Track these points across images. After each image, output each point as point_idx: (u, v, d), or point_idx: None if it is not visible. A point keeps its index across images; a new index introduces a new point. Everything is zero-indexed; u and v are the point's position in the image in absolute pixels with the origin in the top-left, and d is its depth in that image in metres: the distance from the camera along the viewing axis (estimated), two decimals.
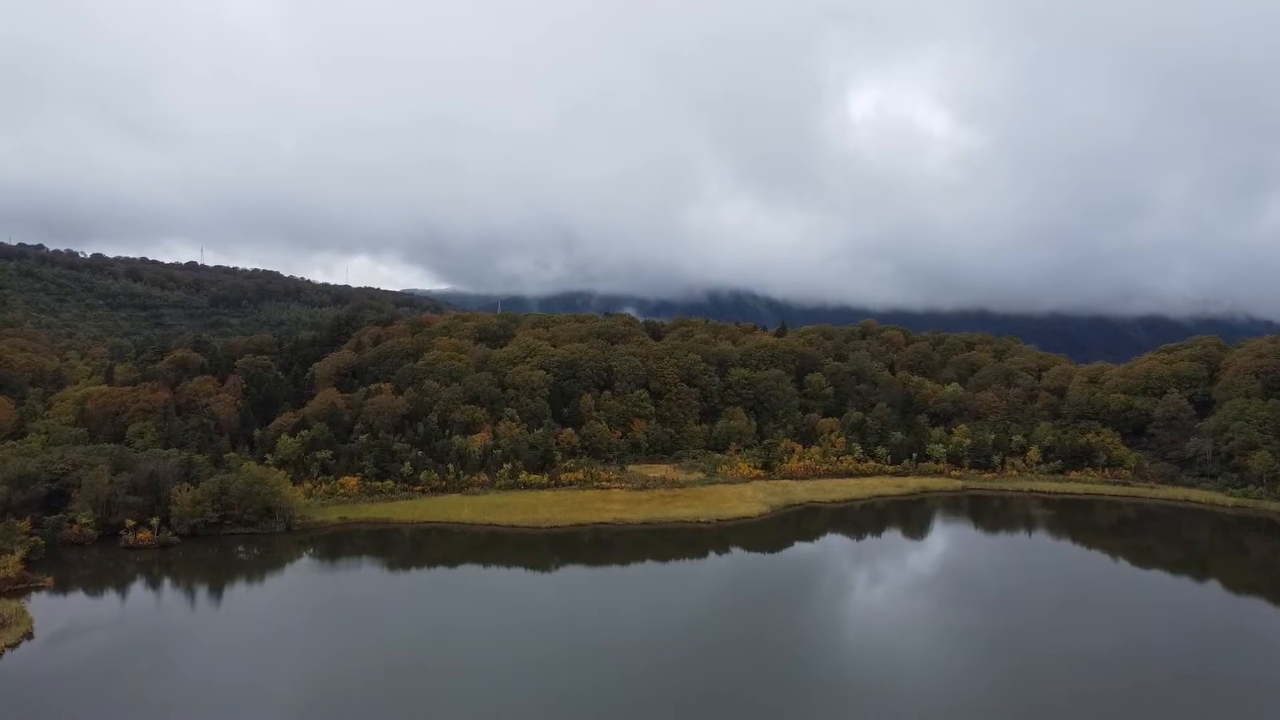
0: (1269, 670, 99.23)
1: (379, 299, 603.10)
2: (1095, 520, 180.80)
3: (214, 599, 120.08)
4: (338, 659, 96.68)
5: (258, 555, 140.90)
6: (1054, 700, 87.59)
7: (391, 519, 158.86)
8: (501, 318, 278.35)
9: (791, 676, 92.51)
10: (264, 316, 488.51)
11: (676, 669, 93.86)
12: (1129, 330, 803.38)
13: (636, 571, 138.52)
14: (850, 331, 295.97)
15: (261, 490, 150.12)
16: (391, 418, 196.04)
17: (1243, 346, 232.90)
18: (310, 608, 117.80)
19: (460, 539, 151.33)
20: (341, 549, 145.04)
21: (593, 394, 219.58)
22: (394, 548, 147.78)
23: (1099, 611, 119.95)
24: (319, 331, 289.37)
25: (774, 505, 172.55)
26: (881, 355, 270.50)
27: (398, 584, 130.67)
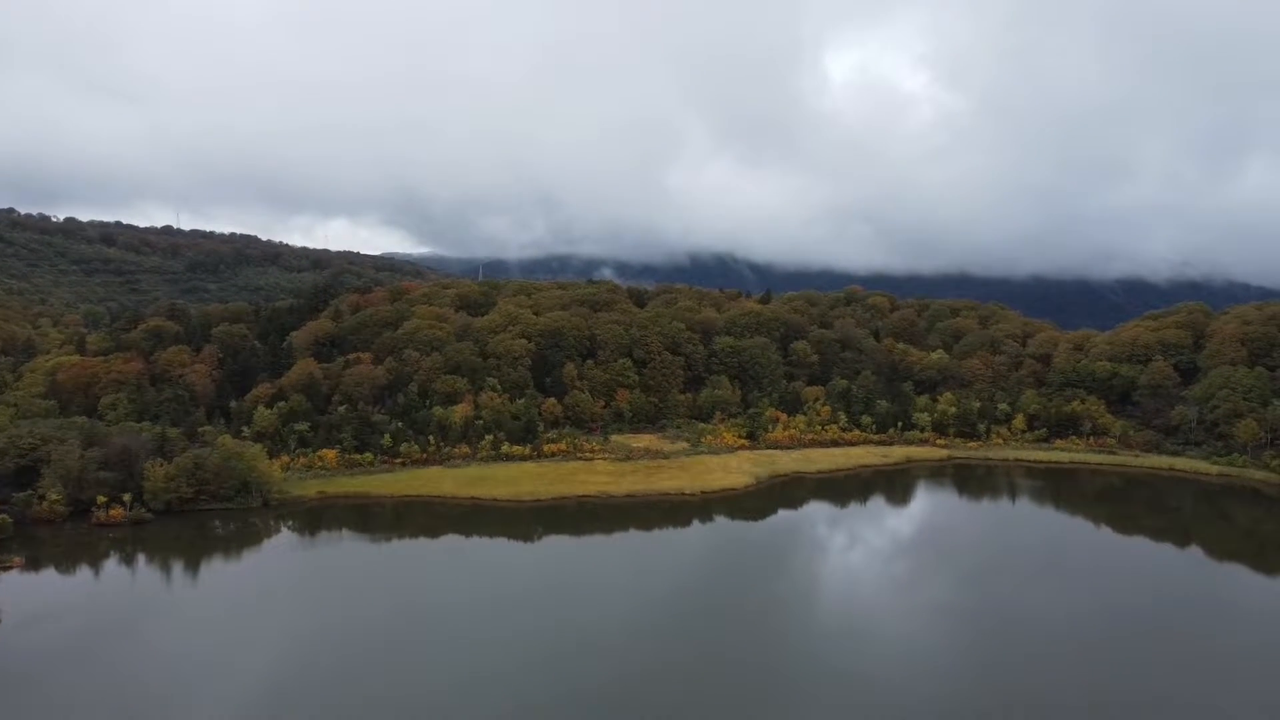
0: (1244, 635, 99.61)
1: (358, 263, 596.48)
2: (1080, 488, 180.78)
3: (190, 576, 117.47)
4: (317, 634, 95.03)
5: (234, 531, 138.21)
6: (1027, 669, 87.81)
7: (371, 492, 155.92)
8: (483, 285, 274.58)
9: (772, 652, 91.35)
10: (242, 281, 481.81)
11: (656, 643, 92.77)
12: (1108, 292, 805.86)
13: (620, 543, 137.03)
14: (835, 298, 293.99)
15: (238, 465, 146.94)
16: (371, 388, 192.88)
17: (1229, 314, 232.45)
18: (289, 583, 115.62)
19: (442, 512, 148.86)
20: (320, 523, 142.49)
21: (576, 363, 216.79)
22: (374, 522, 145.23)
23: (1078, 580, 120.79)
24: (297, 299, 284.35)
25: (759, 476, 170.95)
26: (866, 322, 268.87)
27: (378, 557, 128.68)
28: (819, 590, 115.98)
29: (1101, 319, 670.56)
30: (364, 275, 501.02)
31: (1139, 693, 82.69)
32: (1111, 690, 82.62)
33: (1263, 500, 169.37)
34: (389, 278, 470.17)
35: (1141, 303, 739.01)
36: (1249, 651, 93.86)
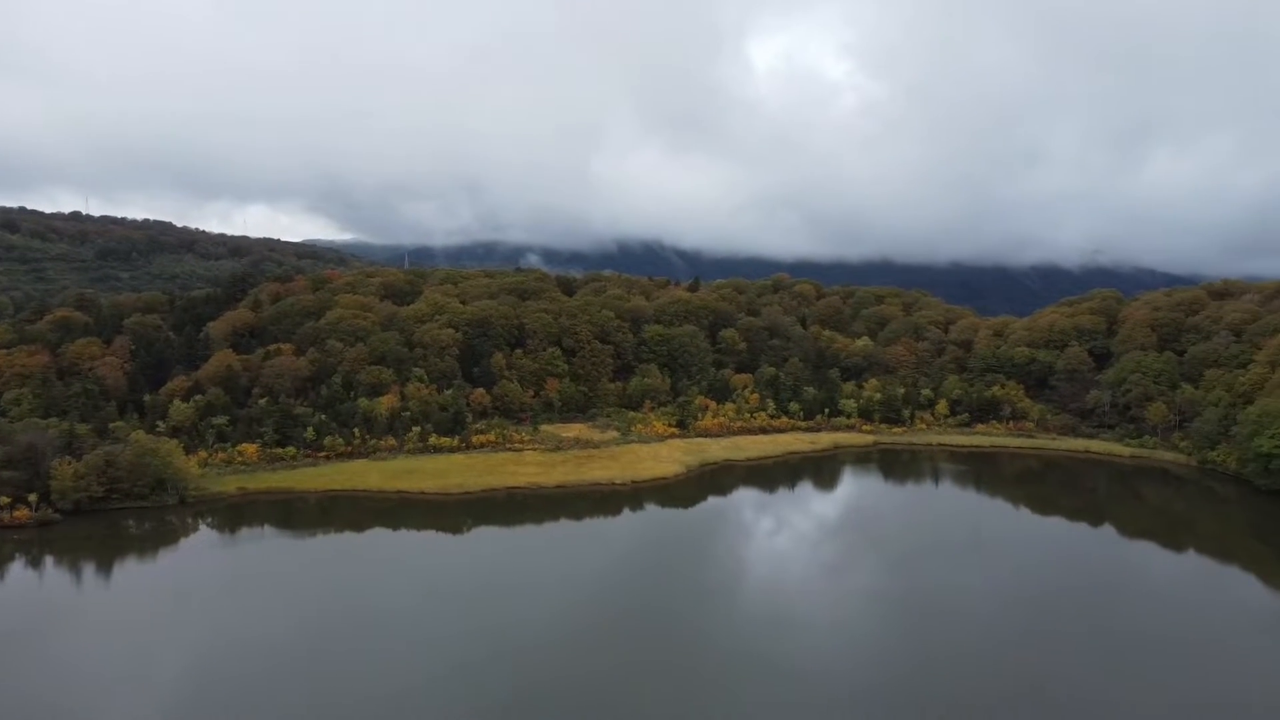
0: (1150, 610, 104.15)
1: (279, 250, 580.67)
2: (1000, 471, 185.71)
3: (101, 579, 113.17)
4: (237, 636, 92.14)
5: (149, 531, 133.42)
6: (953, 653, 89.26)
7: (294, 487, 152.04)
8: (408, 273, 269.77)
9: (704, 645, 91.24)
10: (156, 270, 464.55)
11: (585, 640, 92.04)
12: (1024, 279, 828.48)
13: (550, 534, 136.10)
14: (763, 286, 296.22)
15: (152, 461, 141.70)
16: (293, 380, 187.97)
17: (1139, 300, 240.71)
18: (207, 583, 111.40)
19: (368, 506, 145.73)
20: (241, 520, 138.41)
21: (504, 353, 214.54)
22: (298, 517, 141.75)
23: (999, 561, 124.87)
24: (214, 288, 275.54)
25: (689, 465, 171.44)
26: (793, 309, 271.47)
27: (302, 554, 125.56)
28: (750, 579, 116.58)
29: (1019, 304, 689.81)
30: (285, 263, 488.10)
31: (1058, 674, 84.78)
32: (1034, 672, 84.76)
33: (1172, 480, 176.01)
34: (311, 265, 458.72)
35: (1056, 289, 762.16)
36: (1150, 627, 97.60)
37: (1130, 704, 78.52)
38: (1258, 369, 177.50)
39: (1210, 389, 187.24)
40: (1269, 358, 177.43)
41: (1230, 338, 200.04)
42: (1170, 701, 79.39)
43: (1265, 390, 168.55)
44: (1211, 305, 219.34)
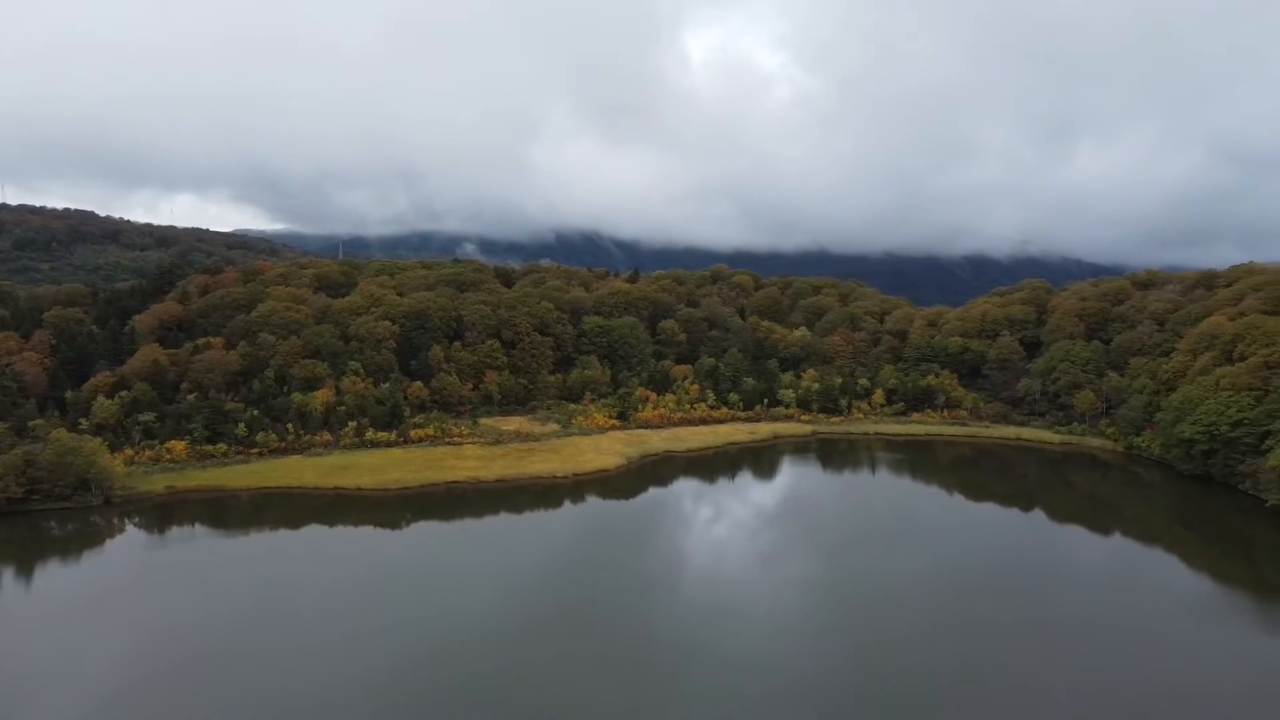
0: (1078, 595, 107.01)
1: (208, 241, 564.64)
2: (935, 459, 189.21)
3: (21, 582, 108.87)
4: (165, 636, 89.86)
5: (72, 532, 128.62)
6: (889, 640, 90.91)
7: (225, 485, 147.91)
8: (343, 265, 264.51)
9: (645, 637, 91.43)
10: (78, 261, 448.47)
11: (526, 633, 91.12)
12: (956, 269, 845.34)
13: (490, 528, 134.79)
14: (701, 277, 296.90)
15: (74, 460, 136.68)
16: (223, 375, 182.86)
17: (1068, 290, 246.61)
18: (134, 584, 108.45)
19: (303, 503, 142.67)
20: (170, 520, 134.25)
21: (442, 345, 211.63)
22: (229, 516, 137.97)
23: (934, 548, 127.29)
24: (140, 280, 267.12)
25: (630, 457, 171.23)
26: (732, 300, 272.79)
27: (232, 551, 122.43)
28: (690, 569, 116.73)
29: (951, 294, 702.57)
30: (215, 253, 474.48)
31: (990, 661, 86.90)
32: (966, 660, 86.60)
33: (1099, 465, 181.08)
34: (242, 256, 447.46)
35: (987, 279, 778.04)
36: (1078, 612, 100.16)
37: (1059, 690, 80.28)
38: (1180, 357, 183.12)
39: (1135, 377, 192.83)
40: (1190, 346, 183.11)
41: (1154, 327, 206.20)
42: (1096, 687, 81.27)
43: (1187, 378, 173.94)
44: (1136, 295, 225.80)
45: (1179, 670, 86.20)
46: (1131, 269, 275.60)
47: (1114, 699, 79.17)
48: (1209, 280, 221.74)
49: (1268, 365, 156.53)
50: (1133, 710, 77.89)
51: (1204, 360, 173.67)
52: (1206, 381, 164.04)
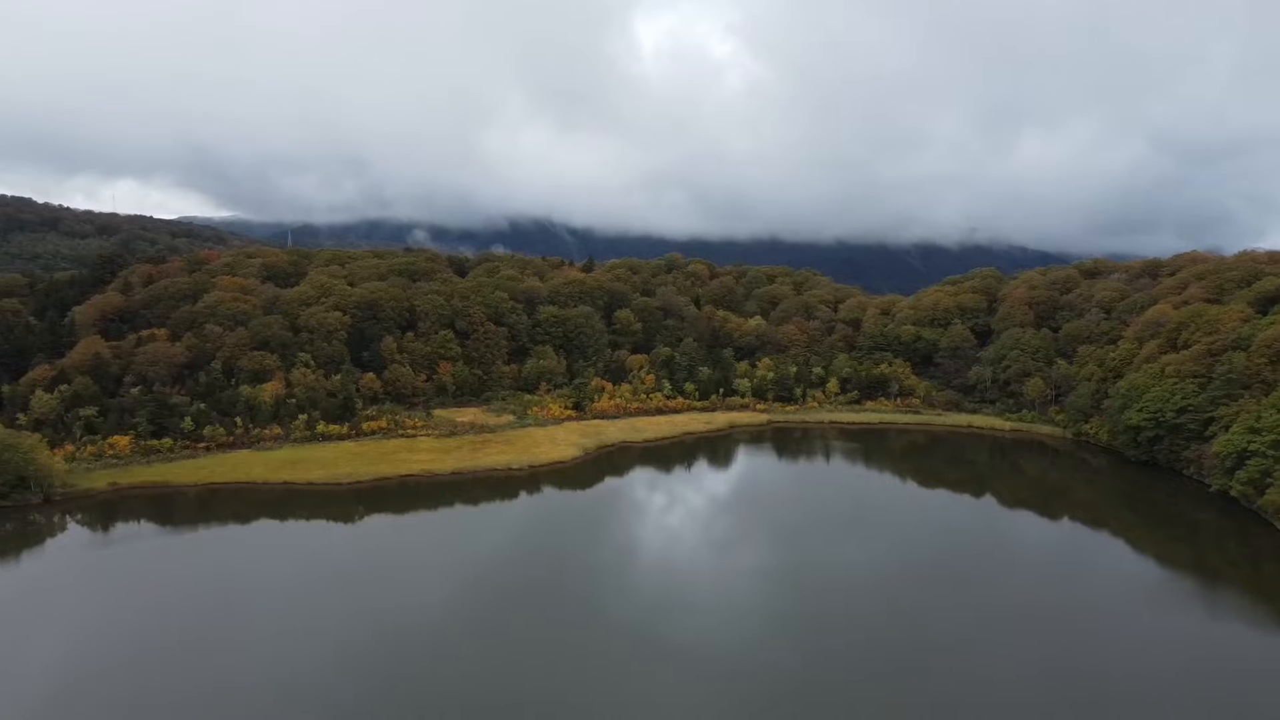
0: (1026, 580, 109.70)
1: (152, 228, 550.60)
2: (888, 447, 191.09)
3: None
4: (105, 632, 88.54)
5: (10, 531, 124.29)
6: (843, 628, 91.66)
7: (171, 481, 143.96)
8: (291, 254, 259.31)
9: (600, 629, 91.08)
10: (15, 249, 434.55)
11: (478, 627, 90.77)
12: (906, 256, 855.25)
13: (444, 520, 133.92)
14: (656, 266, 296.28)
15: (12, 457, 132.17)
16: (168, 368, 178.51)
17: (1017, 279, 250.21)
18: (75, 582, 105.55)
19: (252, 498, 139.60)
20: (113, 517, 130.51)
21: (395, 336, 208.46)
22: (175, 513, 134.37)
23: (888, 534, 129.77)
24: (80, 270, 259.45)
25: (587, 448, 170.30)
26: (687, 289, 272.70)
27: (179, 546, 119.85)
28: (645, 560, 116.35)
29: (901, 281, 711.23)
30: (159, 242, 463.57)
31: (938, 647, 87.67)
32: (914, 647, 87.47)
33: (1048, 452, 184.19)
34: (187, 245, 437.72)
35: (936, 266, 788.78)
36: (1026, 598, 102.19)
37: (1005, 676, 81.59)
38: (1126, 345, 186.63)
39: (1083, 365, 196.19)
40: (1136, 334, 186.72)
41: (1101, 315, 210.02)
42: (1043, 671, 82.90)
43: (1133, 366, 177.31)
44: (1084, 284, 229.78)
45: (1124, 654, 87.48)
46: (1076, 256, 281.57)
47: (1061, 682, 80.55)
48: (1153, 269, 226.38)
49: (1210, 353, 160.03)
50: (1079, 691, 79.18)
51: (1149, 348, 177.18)
52: (1152, 369, 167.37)
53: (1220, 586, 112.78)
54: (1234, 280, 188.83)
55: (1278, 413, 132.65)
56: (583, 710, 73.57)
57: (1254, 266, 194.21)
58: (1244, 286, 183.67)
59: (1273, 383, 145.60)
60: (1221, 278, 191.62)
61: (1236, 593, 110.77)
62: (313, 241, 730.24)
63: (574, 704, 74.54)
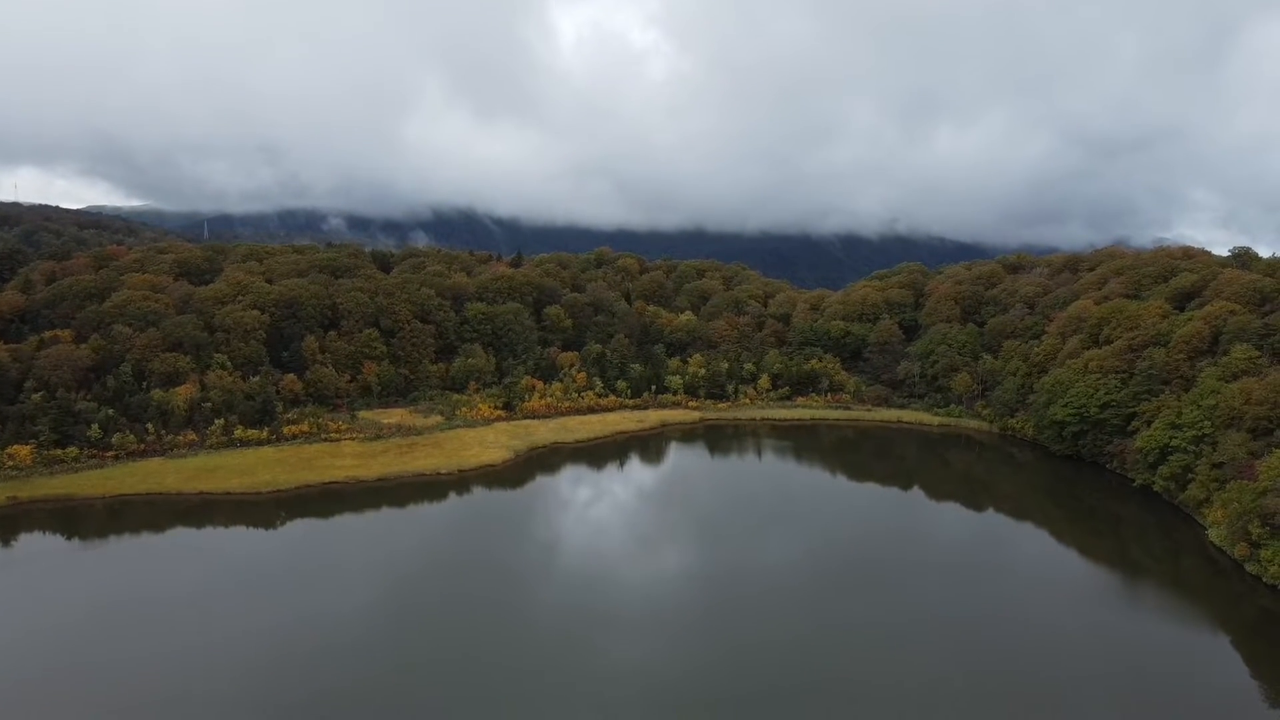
0: (950, 571, 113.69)
1: (57, 219, 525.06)
2: (819, 442, 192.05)
3: None
4: None
5: None
6: (752, 632, 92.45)
7: (77, 494, 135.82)
8: (206, 249, 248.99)
9: (523, 638, 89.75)
10: None
11: (396, 639, 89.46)
12: (829, 247, 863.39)
13: (367, 527, 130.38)
14: (586, 260, 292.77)
15: None
16: (73, 371, 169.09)
17: (943, 273, 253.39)
18: None
19: (166, 510, 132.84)
20: (12, 532, 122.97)
21: (317, 335, 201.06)
22: (82, 527, 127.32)
23: (818, 530, 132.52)
24: None
25: (517, 450, 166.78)
26: (617, 285, 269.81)
27: (84, 563, 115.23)
28: (571, 565, 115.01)
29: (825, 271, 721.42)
30: (65, 234, 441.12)
31: (859, 654, 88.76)
32: (835, 655, 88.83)
33: (975, 446, 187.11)
34: (95, 237, 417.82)
35: (859, 257, 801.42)
36: (950, 592, 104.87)
37: (923, 678, 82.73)
38: (1050, 340, 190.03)
39: (1008, 359, 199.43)
40: (1059, 329, 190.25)
41: (1025, 310, 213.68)
42: (965, 668, 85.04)
43: (1057, 361, 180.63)
44: (1007, 279, 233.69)
45: (1044, 650, 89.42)
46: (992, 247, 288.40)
47: (980, 680, 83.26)
48: (1074, 264, 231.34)
49: (1132, 348, 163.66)
50: (998, 689, 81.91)
51: (1072, 343, 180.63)
52: (1076, 365, 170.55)
53: (1141, 580, 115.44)
54: (1151, 276, 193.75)
55: (1198, 409, 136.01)
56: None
57: (1170, 262, 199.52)
58: (1161, 282, 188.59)
59: (1191, 378, 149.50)
60: (1139, 273, 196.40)
61: (1156, 586, 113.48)
62: (229, 232, 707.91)
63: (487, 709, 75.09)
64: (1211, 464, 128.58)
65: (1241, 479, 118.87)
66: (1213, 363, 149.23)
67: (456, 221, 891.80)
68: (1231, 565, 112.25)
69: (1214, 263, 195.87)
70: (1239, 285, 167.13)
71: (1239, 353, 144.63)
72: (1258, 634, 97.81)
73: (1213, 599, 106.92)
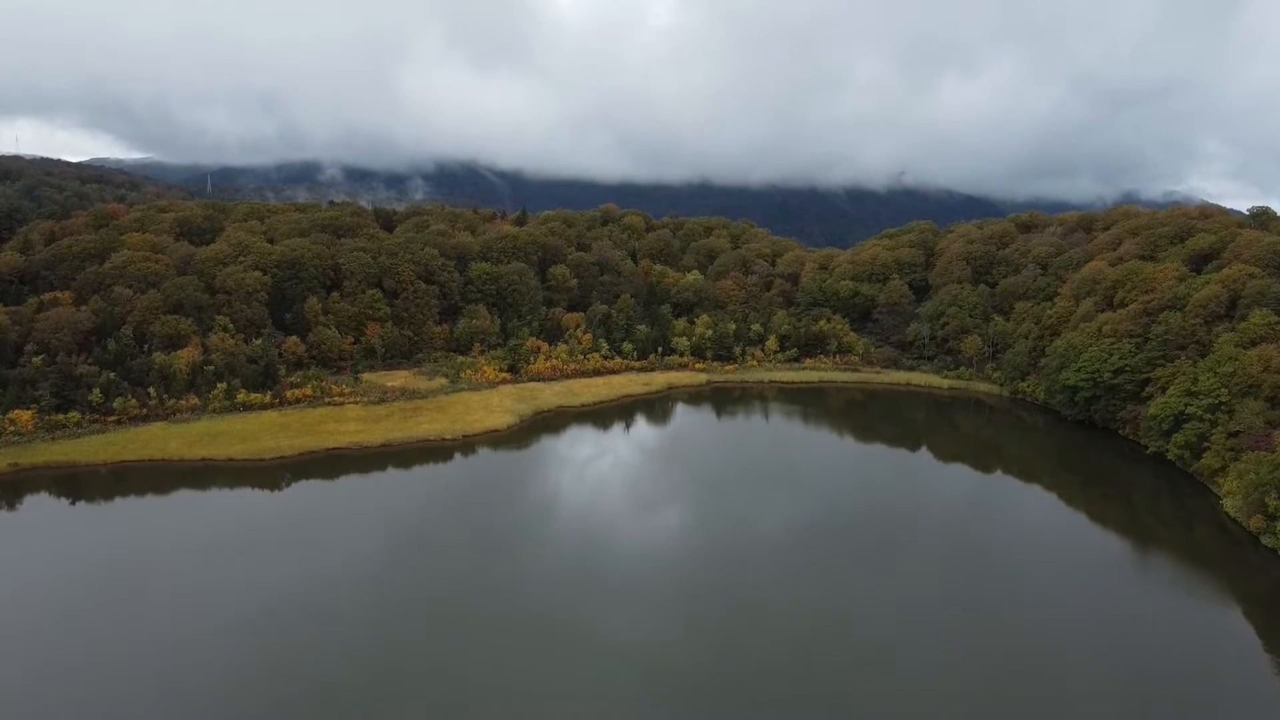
0: (959, 536, 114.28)
1: (59, 173, 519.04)
2: (827, 405, 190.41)
3: None
4: None
5: None
6: (750, 593, 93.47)
7: (79, 460, 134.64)
8: (206, 208, 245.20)
9: (516, 606, 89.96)
10: None
11: (389, 603, 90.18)
12: (836, 200, 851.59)
13: (372, 492, 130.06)
14: (591, 218, 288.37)
15: None
16: (73, 334, 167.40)
17: (954, 232, 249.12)
18: None
19: (170, 474, 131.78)
20: (15, 499, 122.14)
21: (319, 296, 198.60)
22: (85, 493, 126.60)
23: (823, 492, 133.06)
24: None
25: (522, 414, 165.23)
26: (623, 243, 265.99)
27: (86, 528, 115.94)
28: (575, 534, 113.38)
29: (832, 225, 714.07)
30: (67, 188, 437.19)
31: (863, 616, 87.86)
32: (842, 617, 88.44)
33: (984, 409, 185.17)
34: (98, 191, 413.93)
35: (866, 210, 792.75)
36: (960, 557, 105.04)
37: (929, 637, 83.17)
38: (1062, 303, 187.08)
39: (1020, 322, 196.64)
40: (1072, 291, 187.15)
41: (1037, 270, 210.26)
42: (972, 632, 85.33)
43: (1070, 324, 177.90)
44: (1020, 239, 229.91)
45: (1053, 615, 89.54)
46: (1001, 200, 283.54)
47: (986, 639, 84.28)
48: (1088, 223, 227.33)
49: (1146, 312, 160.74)
50: (1005, 648, 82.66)
51: (1086, 306, 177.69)
52: (1089, 329, 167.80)
53: (1153, 549, 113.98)
54: (1166, 236, 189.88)
55: (1214, 376, 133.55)
56: (504, 675, 75.74)
57: (1185, 222, 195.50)
58: (1177, 243, 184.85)
59: (1207, 344, 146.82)
60: (1155, 234, 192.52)
61: (1168, 555, 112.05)
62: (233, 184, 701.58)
63: (494, 670, 76.33)
64: (1227, 433, 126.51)
65: (1258, 449, 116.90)
66: (1230, 328, 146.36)
67: (460, 174, 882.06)
68: (1246, 536, 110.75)
69: (1232, 223, 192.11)
70: (1258, 247, 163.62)
71: (1258, 318, 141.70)
72: (1272, 606, 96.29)
73: (1227, 570, 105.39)
